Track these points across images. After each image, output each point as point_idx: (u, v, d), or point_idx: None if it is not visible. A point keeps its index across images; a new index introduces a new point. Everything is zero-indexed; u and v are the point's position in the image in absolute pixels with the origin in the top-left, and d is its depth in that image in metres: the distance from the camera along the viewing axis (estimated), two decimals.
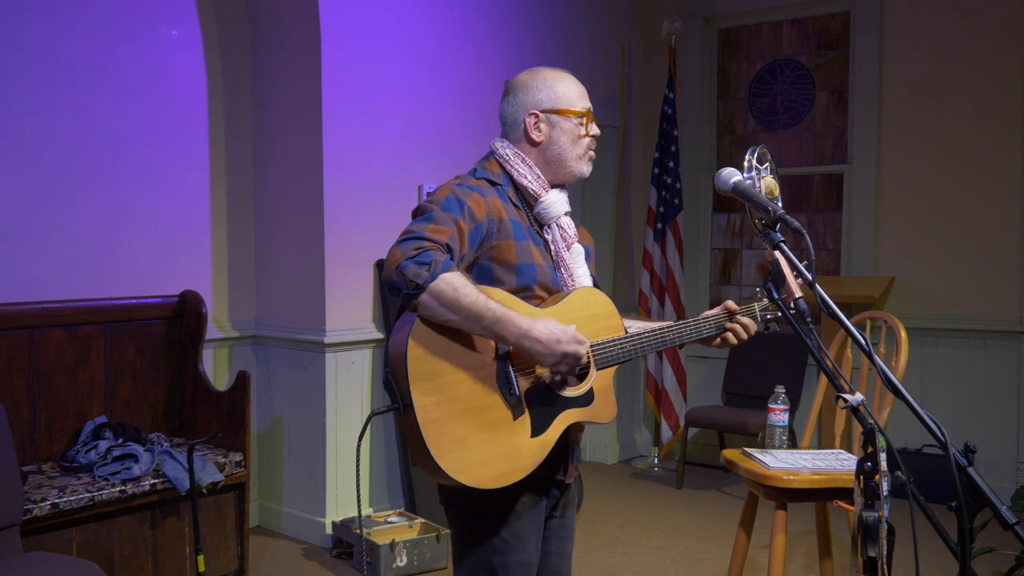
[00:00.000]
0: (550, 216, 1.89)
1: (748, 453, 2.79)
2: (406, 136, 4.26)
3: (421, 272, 1.60)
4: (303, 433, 4.10)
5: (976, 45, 4.74)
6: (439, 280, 1.60)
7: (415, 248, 1.63)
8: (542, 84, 1.92)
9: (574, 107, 1.91)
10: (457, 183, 1.81)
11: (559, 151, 1.89)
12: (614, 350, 1.84)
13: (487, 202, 1.79)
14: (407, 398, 1.62)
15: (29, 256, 3.51)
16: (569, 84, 1.94)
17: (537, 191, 1.87)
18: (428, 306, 1.61)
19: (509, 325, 1.64)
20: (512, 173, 1.88)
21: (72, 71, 3.62)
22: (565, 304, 1.81)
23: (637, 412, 5.89)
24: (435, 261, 1.61)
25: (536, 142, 1.89)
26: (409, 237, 1.66)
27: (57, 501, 2.94)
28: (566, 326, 1.70)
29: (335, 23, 3.97)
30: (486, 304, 1.63)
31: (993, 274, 4.72)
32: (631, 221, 5.80)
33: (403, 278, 1.61)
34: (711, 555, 3.94)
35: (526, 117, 1.89)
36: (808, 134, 5.45)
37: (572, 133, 1.90)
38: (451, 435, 1.63)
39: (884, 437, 1.40)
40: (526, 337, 1.65)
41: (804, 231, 1.54)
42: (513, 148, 1.90)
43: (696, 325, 2.00)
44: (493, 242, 1.79)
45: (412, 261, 1.61)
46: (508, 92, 1.94)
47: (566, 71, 1.98)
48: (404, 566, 3.59)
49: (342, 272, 4.02)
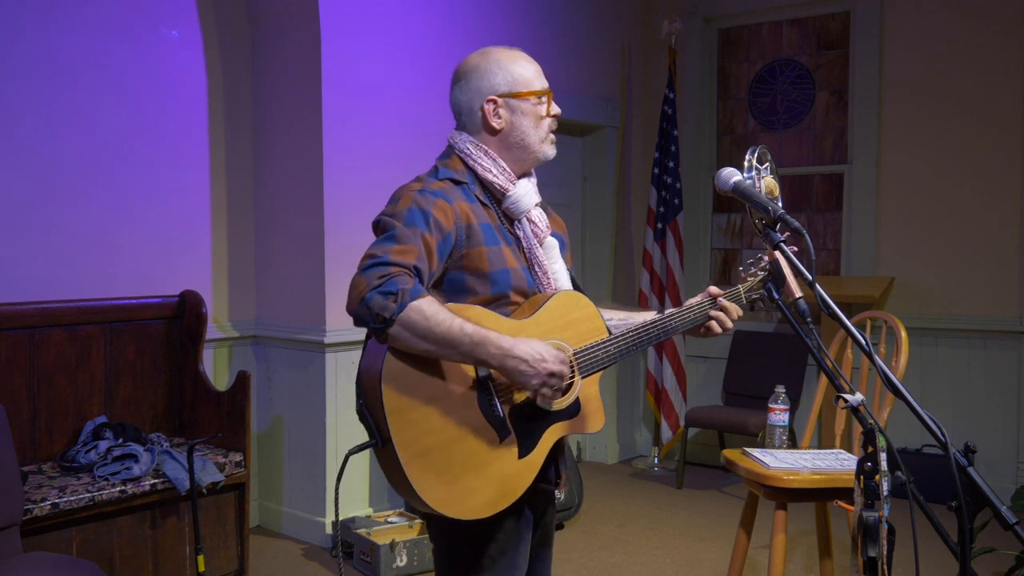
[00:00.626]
0: (520, 211, 1.78)
1: (748, 453, 2.79)
2: (406, 136, 4.26)
3: (387, 304, 1.50)
4: (303, 433, 4.10)
5: (976, 45, 4.74)
6: (408, 310, 1.50)
7: (379, 276, 1.52)
8: (496, 67, 1.77)
9: (533, 87, 1.79)
10: (418, 188, 1.68)
11: (521, 136, 1.78)
12: (597, 355, 1.75)
13: (453, 208, 1.67)
14: (385, 432, 1.53)
15: (29, 256, 3.51)
16: (525, 63, 1.81)
17: (504, 185, 1.76)
18: (399, 338, 1.52)
19: (489, 347, 1.55)
20: (476, 168, 1.76)
21: (72, 71, 3.62)
22: (544, 311, 1.71)
23: (637, 412, 5.89)
24: (402, 290, 1.51)
25: (496, 130, 1.77)
26: (372, 264, 1.54)
27: (57, 501, 2.94)
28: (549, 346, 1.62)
29: (335, 23, 3.97)
30: (461, 329, 1.53)
31: (993, 274, 4.72)
32: (631, 221, 5.80)
33: (368, 311, 1.51)
34: (711, 555, 3.94)
35: (483, 104, 1.76)
36: (808, 134, 5.45)
37: (533, 115, 1.79)
38: (435, 468, 1.55)
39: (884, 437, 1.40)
40: (509, 357, 1.56)
41: (804, 231, 1.53)
42: (473, 140, 1.78)
43: (681, 316, 1.90)
44: (463, 251, 1.67)
45: (377, 292, 1.51)
46: (459, 78, 1.80)
47: (518, 49, 1.84)
48: (404, 566, 3.59)
49: (342, 272, 4.01)
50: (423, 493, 1.54)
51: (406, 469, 1.52)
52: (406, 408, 1.54)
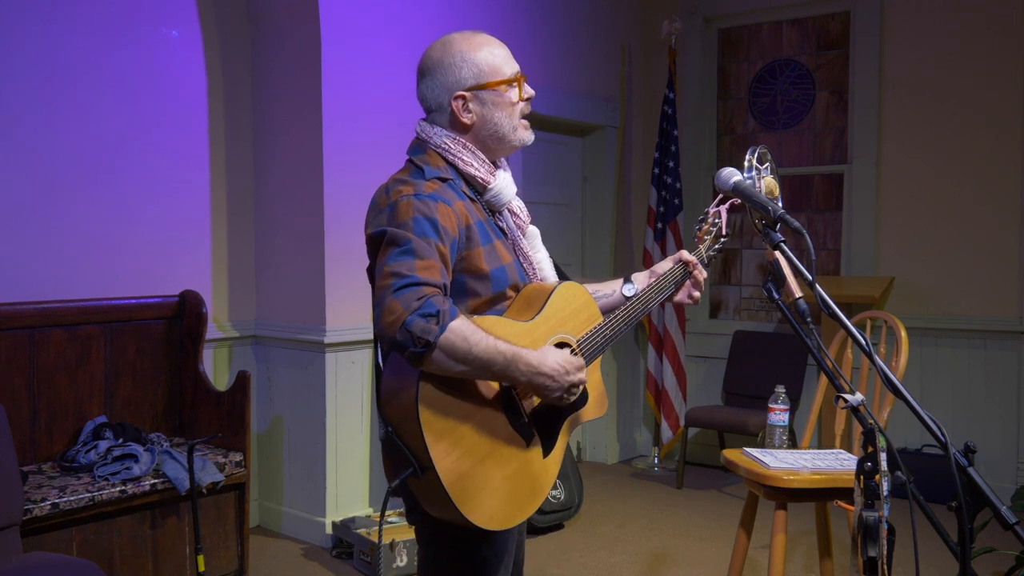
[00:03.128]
0: (502, 202, 1.76)
1: (748, 453, 2.79)
2: (406, 136, 4.19)
3: (430, 327, 1.45)
4: (303, 433, 4.10)
5: (976, 45, 4.74)
6: (448, 332, 1.46)
7: (417, 299, 1.47)
8: (460, 59, 1.71)
9: (502, 75, 1.72)
10: (412, 192, 1.62)
11: (495, 127, 1.73)
12: (597, 340, 1.78)
13: (453, 209, 1.63)
14: (425, 461, 1.49)
15: (29, 256, 3.51)
16: (491, 49, 1.73)
17: (485, 178, 1.72)
18: (438, 361, 1.47)
19: (520, 365, 1.55)
20: (457, 164, 1.71)
21: (72, 71, 3.62)
22: (549, 307, 1.70)
23: (637, 412, 5.89)
24: (441, 312, 1.47)
25: (468, 125, 1.72)
26: (404, 284, 1.49)
27: (57, 501, 2.94)
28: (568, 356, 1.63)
29: (335, 23, 3.97)
30: (496, 348, 1.52)
31: (993, 274, 4.72)
32: (631, 221, 5.80)
33: (409, 336, 1.44)
34: (711, 555, 3.94)
35: (451, 101, 1.71)
36: (808, 134, 5.45)
37: (505, 104, 1.72)
38: (475, 486, 1.54)
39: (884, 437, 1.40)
40: (537, 374, 1.57)
41: (804, 231, 1.54)
42: (449, 135, 1.73)
43: (657, 287, 1.95)
44: (463, 253, 1.64)
45: (417, 315, 1.45)
46: (424, 73, 1.76)
47: (482, 32, 1.77)
48: (404, 566, 3.59)
49: (342, 272, 4.02)
50: (468, 514, 1.52)
51: (451, 493, 1.50)
52: (443, 433, 1.51)
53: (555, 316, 1.72)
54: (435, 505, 1.56)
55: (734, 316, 5.75)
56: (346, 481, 4.08)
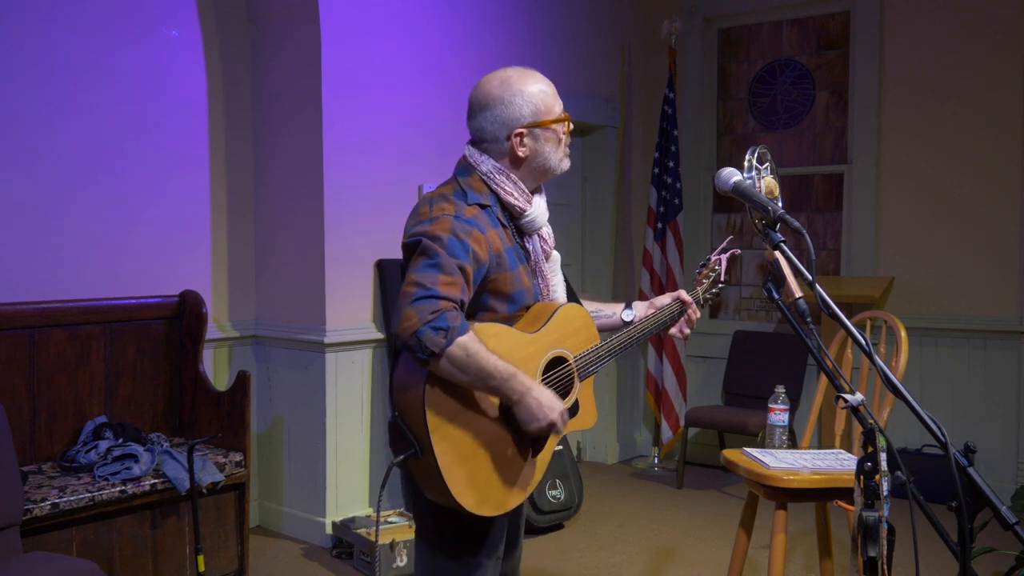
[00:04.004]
0: (535, 228, 1.93)
1: (748, 453, 2.79)
2: (406, 136, 4.26)
3: (438, 340, 1.62)
4: (303, 433, 4.10)
5: (976, 45, 4.74)
6: (455, 346, 1.64)
7: (432, 312, 1.63)
8: (520, 97, 1.85)
9: (555, 114, 1.88)
10: (453, 213, 1.76)
11: (544, 160, 1.89)
12: (592, 360, 1.96)
13: (487, 239, 1.79)
14: (425, 443, 1.68)
15: (29, 256, 3.51)
16: (543, 88, 1.89)
17: (523, 207, 1.89)
18: (443, 369, 1.66)
19: (515, 384, 1.72)
20: (499, 192, 1.87)
21: (72, 71, 3.62)
22: (552, 324, 1.88)
23: (637, 412, 5.89)
24: (452, 328, 1.64)
25: (522, 159, 1.87)
26: (423, 296, 1.65)
27: (57, 501, 2.94)
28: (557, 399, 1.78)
29: (335, 23, 3.97)
30: (495, 366, 1.69)
31: (993, 274, 4.72)
32: (631, 221, 5.80)
33: (419, 344, 1.63)
34: (711, 555, 3.94)
35: (511, 136, 1.85)
36: (808, 134, 5.45)
37: (555, 140, 1.90)
38: (468, 473, 1.73)
39: (884, 437, 1.40)
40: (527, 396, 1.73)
41: (804, 231, 1.54)
42: (496, 165, 1.87)
43: (654, 320, 2.15)
44: (493, 276, 1.82)
45: (429, 327, 1.62)
46: (483, 107, 1.87)
47: (530, 68, 1.92)
48: (404, 566, 3.59)
49: (342, 272, 4.02)
50: (459, 496, 1.71)
51: (445, 475, 1.69)
52: (444, 423, 1.71)
53: (556, 332, 1.89)
54: (431, 486, 1.75)
55: (734, 316, 5.75)
56: (346, 481, 4.08)
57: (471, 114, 1.90)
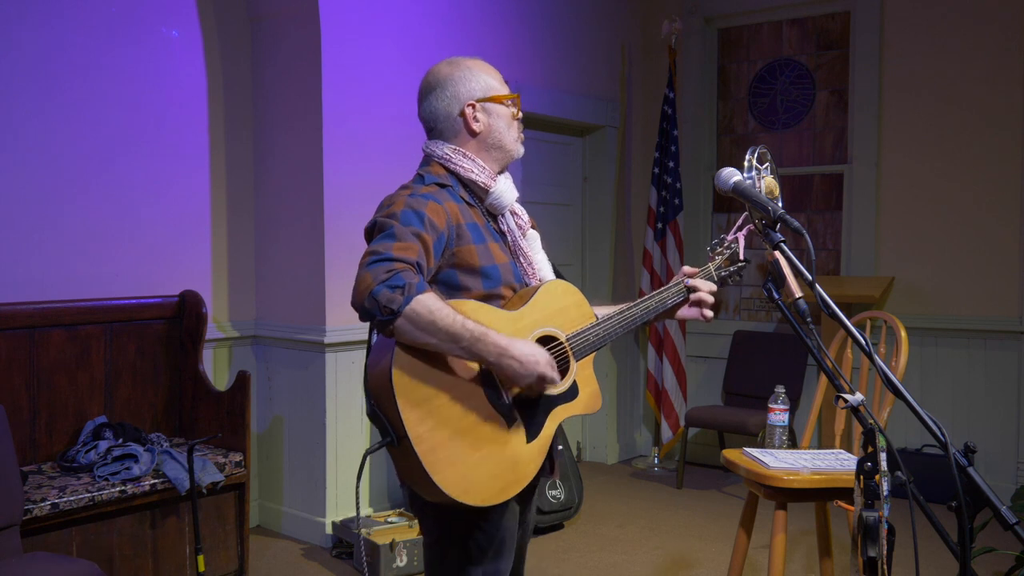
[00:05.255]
0: (503, 205, 1.89)
1: (748, 453, 2.79)
2: (406, 136, 4.25)
3: (395, 296, 1.55)
4: (303, 433, 4.10)
5: (976, 45, 4.74)
6: (414, 303, 1.56)
7: (386, 271, 1.58)
8: (469, 74, 1.89)
9: (503, 91, 1.91)
10: (408, 193, 1.77)
11: (498, 137, 1.89)
12: (588, 338, 1.85)
13: (444, 208, 1.76)
14: (400, 429, 1.57)
15: (29, 256, 3.51)
16: (491, 70, 1.93)
17: (486, 182, 1.86)
18: (404, 331, 1.57)
19: (488, 344, 1.61)
20: (458, 171, 1.86)
21: (72, 71, 3.62)
22: (535, 302, 1.79)
23: (637, 412, 5.89)
24: (408, 284, 1.56)
25: (476, 132, 1.87)
26: (376, 259, 1.60)
27: (57, 501, 2.94)
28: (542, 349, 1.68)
29: (335, 23, 3.97)
30: (463, 324, 1.59)
31: (993, 274, 4.72)
32: (631, 221, 5.80)
33: (376, 304, 1.56)
34: (711, 555, 3.94)
35: (464, 109, 1.87)
36: (808, 134, 5.45)
37: (506, 117, 1.90)
38: (449, 458, 1.60)
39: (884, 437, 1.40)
40: (505, 356, 1.62)
41: (804, 231, 1.54)
42: (450, 145, 1.89)
43: (659, 296, 2.03)
44: (454, 248, 1.76)
45: (384, 285, 1.56)
46: (433, 87, 1.91)
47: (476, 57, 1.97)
48: (404, 566, 3.59)
49: (342, 272, 4.02)
50: (442, 484, 1.58)
51: (423, 462, 1.57)
52: (417, 402, 1.59)
53: (541, 310, 1.79)
54: (413, 478, 1.63)
55: (734, 316, 5.75)
56: (346, 481, 4.08)
57: (421, 100, 1.94)
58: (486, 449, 1.65)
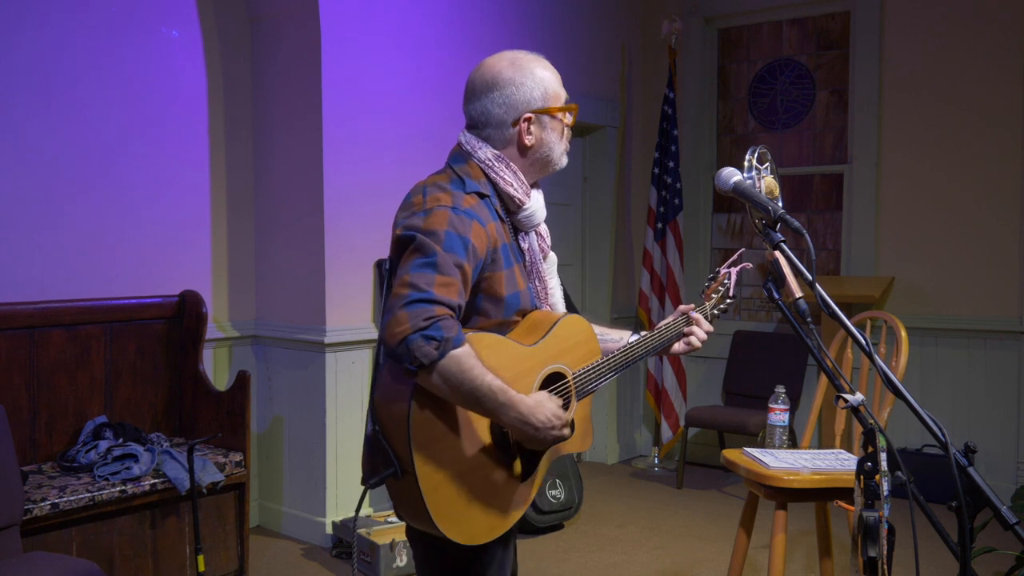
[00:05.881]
0: (532, 224, 1.79)
1: (748, 453, 2.79)
2: (406, 136, 4.26)
3: (430, 351, 1.47)
4: (303, 433, 4.10)
5: (976, 45, 4.74)
6: (448, 359, 1.48)
7: (425, 318, 1.48)
8: (530, 79, 1.73)
9: (561, 101, 1.77)
10: (450, 204, 1.61)
11: (547, 151, 1.76)
12: (591, 377, 1.81)
13: (486, 231, 1.64)
14: (407, 464, 1.53)
15: (29, 256, 3.51)
16: (552, 74, 1.78)
17: (522, 199, 1.74)
18: (431, 384, 1.51)
19: (511, 412, 1.57)
20: (498, 182, 1.72)
21: (72, 71, 3.62)
22: (552, 336, 1.73)
23: (637, 412, 5.89)
24: (446, 339, 1.48)
25: (528, 147, 1.73)
26: (416, 300, 1.49)
27: (57, 501, 2.94)
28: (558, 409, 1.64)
29: (335, 23, 3.97)
30: (489, 387, 1.53)
31: (993, 274, 4.72)
32: (631, 221, 5.80)
33: (408, 352, 1.47)
34: (711, 555, 3.94)
35: (519, 121, 1.72)
36: (808, 134, 5.45)
37: (559, 130, 1.77)
38: (451, 498, 1.57)
39: (884, 437, 1.40)
40: (526, 424, 1.59)
41: (804, 231, 1.53)
42: (496, 152, 1.73)
43: (660, 335, 1.97)
44: (486, 274, 1.66)
45: (421, 335, 1.47)
46: (491, 87, 1.72)
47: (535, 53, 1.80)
48: (404, 566, 3.59)
49: (342, 272, 4.02)
50: (440, 523, 1.56)
51: (426, 500, 1.54)
52: (429, 441, 1.55)
53: (556, 345, 1.75)
54: (409, 511, 1.61)
55: (734, 316, 5.75)
56: (346, 481, 4.08)
57: (473, 96, 1.74)
58: (483, 489, 1.62)
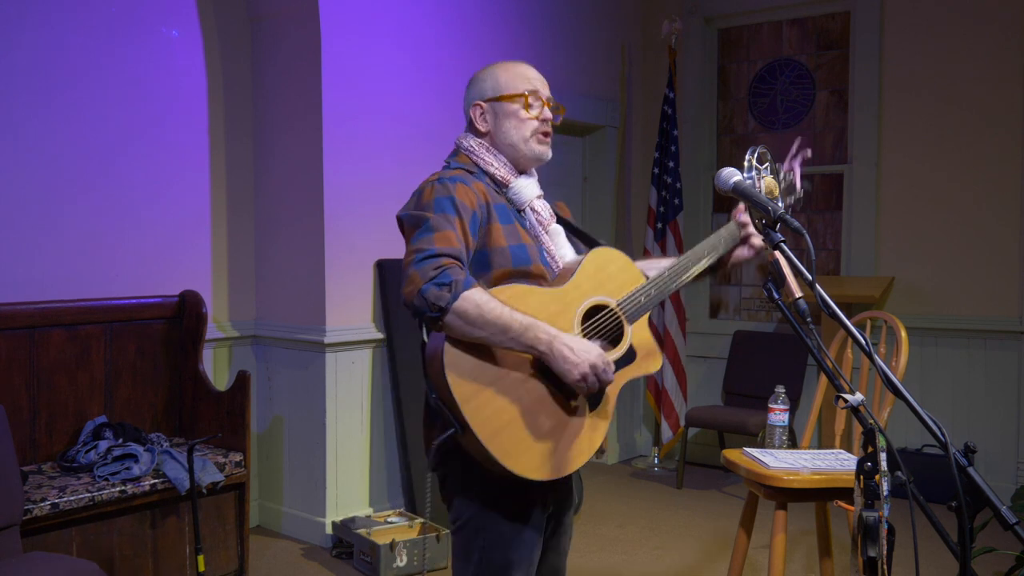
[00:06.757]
0: (522, 201, 1.92)
1: (748, 453, 2.79)
2: (406, 136, 4.26)
3: (442, 294, 1.61)
4: (303, 433, 4.10)
5: (976, 45, 4.74)
6: (461, 299, 1.61)
7: (434, 268, 1.64)
8: (487, 75, 1.96)
9: (515, 90, 1.92)
10: (435, 179, 1.82)
11: (505, 136, 1.92)
12: (640, 300, 1.86)
13: (472, 188, 1.81)
14: (461, 420, 1.63)
15: (29, 256, 3.51)
16: (515, 70, 1.96)
17: (505, 177, 1.91)
18: (454, 326, 1.63)
19: (539, 331, 1.65)
20: (480, 162, 1.92)
21: (72, 71, 3.62)
22: (581, 273, 1.82)
23: (637, 412, 5.89)
24: (455, 281, 1.62)
25: (483, 132, 1.94)
26: (423, 256, 1.66)
27: (57, 501, 2.94)
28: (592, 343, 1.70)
29: (335, 23, 3.97)
30: (511, 315, 1.64)
31: (993, 274, 4.72)
32: (631, 221, 5.80)
33: (425, 302, 1.61)
34: (711, 555, 3.94)
35: (471, 109, 1.95)
36: (808, 134, 5.45)
37: (515, 116, 1.92)
38: (516, 439, 1.65)
39: (884, 437, 1.40)
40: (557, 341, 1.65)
41: (804, 231, 1.53)
42: (475, 139, 1.95)
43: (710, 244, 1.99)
44: (486, 227, 1.81)
45: (432, 283, 1.62)
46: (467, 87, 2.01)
47: (522, 61, 2.01)
48: (404, 566, 3.59)
49: (342, 272, 4.02)
50: (512, 466, 1.64)
51: (489, 448, 1.62)
52: (475, 393, 1.64)
53: (588, 281, 1.82)
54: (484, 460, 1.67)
55: (734, 316, 5.75)
56: (346, 481, 4.08)
57: None
58: (551, 425, 1.69)
